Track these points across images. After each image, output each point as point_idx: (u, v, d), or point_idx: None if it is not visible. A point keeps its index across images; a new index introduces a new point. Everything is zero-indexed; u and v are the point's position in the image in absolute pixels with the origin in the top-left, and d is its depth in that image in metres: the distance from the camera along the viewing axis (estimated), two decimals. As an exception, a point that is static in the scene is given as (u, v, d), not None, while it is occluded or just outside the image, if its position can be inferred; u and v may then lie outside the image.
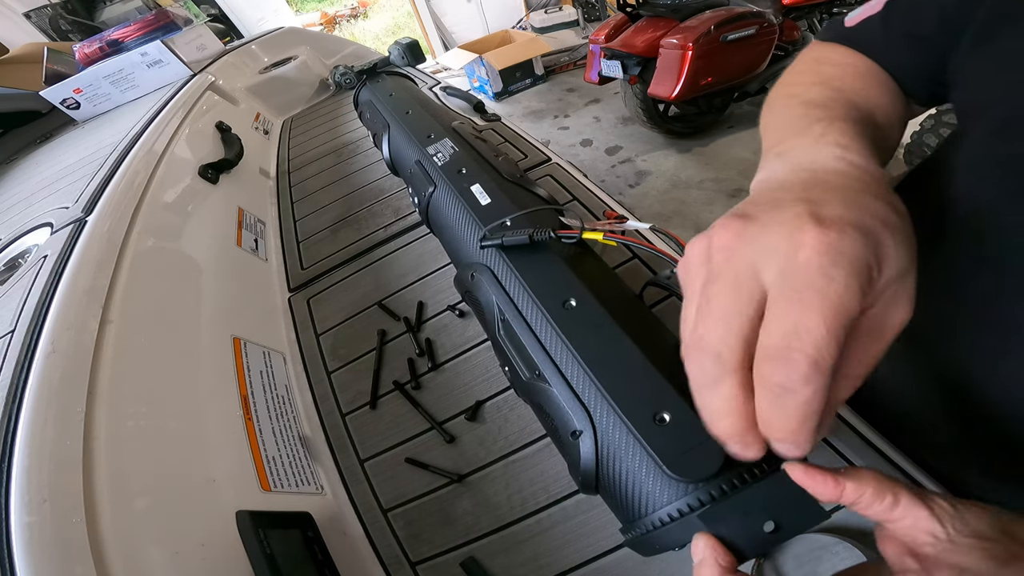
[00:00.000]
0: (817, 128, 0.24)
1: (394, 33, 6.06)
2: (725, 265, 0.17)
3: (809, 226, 0.16)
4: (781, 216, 0.17)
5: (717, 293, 0.17)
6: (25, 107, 1.10)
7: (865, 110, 0.28)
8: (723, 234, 0.18)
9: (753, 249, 0.17)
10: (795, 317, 0.15)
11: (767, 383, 0.16)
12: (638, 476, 0.25)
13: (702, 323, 0.17)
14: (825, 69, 0.32)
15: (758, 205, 0.19)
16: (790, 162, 0.23)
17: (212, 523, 0.34)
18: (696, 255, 0.19)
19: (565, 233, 0.34)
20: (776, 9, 2.12)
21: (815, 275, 0.15)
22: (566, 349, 0.30)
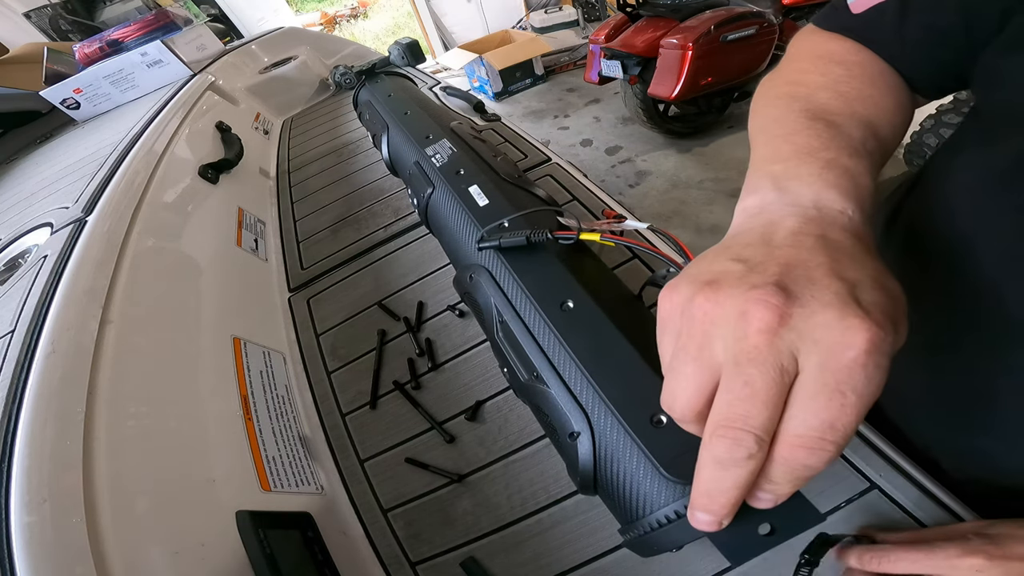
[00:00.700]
0: (820, 157, 0.23)
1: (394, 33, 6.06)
2: (767, 349, 0.16)
3: (857, 321, 0.16)
4: (822, 297, 0.17)
5: (760, 378, 0.16)
6: (25, 107, 1.10)
7: (870, 122, 0.27)
8: (765, 314, 0.16)
9: (796, 335, 0.16)
10: (834, 413, 0.15)
11: (795, 460, 0.16)
12: (635, 478, 0.25)
13: (742, 405, 0.17)
14: (831, 68, 0.30)
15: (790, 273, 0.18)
16: (789, 198, 0.22)
17: (212, 523, 0.34)
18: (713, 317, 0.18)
19: (562, 234, 0.34)
20: (776, 9, 2.12)
21: (858, 377, 0.16)
22: (563, 351, 0.30)
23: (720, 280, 0.18)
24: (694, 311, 0.18)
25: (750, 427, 0.16)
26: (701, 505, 0.18)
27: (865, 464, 0.34)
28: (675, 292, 0.20)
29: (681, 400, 0.19)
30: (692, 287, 0.19)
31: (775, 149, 0.25)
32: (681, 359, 0.19)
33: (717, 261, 0.20)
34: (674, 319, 0.19)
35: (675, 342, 0.19)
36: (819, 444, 0.16)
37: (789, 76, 0.31)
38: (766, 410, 0.16)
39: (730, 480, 0.17)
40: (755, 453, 0.16)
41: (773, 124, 0.27)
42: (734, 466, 0.17)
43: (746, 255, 0.19)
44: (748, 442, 0.16)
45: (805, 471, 0.17)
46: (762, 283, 0.17)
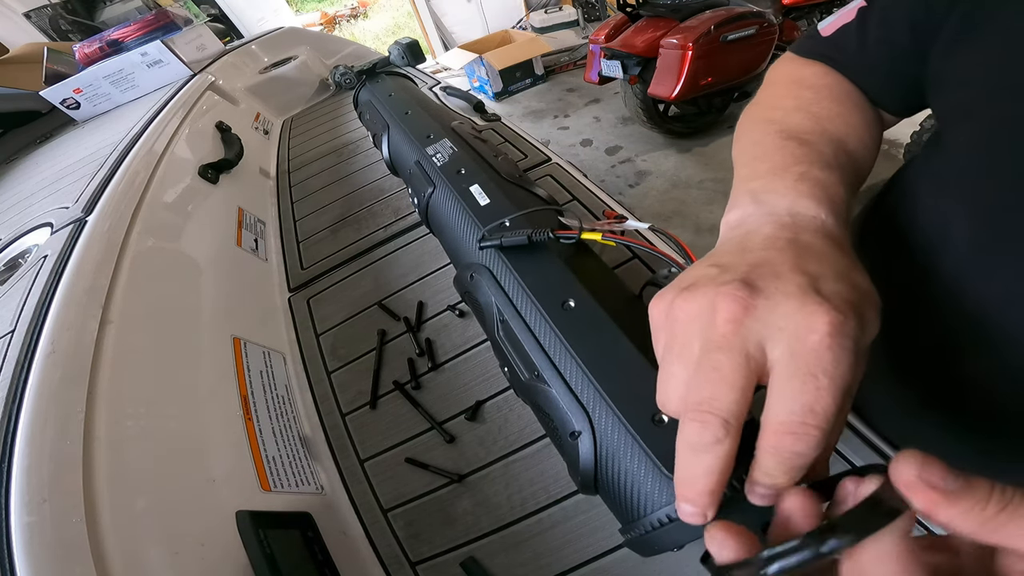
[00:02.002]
0: (794, 171, 0.25)
1: (394, 33, 6.06)
2: (733, 337, 0.18)
3: (818, 307, 0.17)
4: (784, 289, 0.18)
5: (727, 362, 0.17)
6: (25, 107, 1.10)
7: (840, 139, 0.28)
8: (731, 305, 0.18)
9: (761, 324, 0.17)
10: (810, 397, 0.16)
11: (781, 447, 0.17)
12: (637, 477, 0.25)
13: (710, 387, 0.17)
14: (802, 92, 0.32)
15: (756, 270, 0.19)
16: (766, 208, 0.23)
17: (212, 523, 0.34)
18: (689, 315, 0.19)
19: (564, 233, 0.34)
20: (776, 9, 2.12)
21: (827, 359, 0.16)
22: (565, 350, 0.30)
23: (696, 283, 0.20)
24: (675, 313, 0.20)
25: (716, 409, 0.17)
26: (681, 494, 0.18)
27: (865, 464, 0.34)
28: (661, 299, 0.21)
29: (672, 398, 0.20)
30: (673, 292, 0.20)
31: (753, 169, 0.27)
32: (668, 359, 0.20)
33: (697, 268, 0.21)
34: (661, 324, 0.21)
35: (664, 347, 0.21)
36: (802, 428, 0.16)
37: (766, 102, 0.33)
38: (731, 392, 0.17)
39: (702, 465, 0.17)
40: (722, 437, 0.17)
41: (751, 147, 0.29)
42: (703, 451, 0.17)
43: (723, 261, 0.21)
44: (715, 425, 0.17)
45: (794, 458, 0.17)
46: (730, 280, 0.19)
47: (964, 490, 0.13)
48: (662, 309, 0.21)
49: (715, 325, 0.18)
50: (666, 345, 0.20)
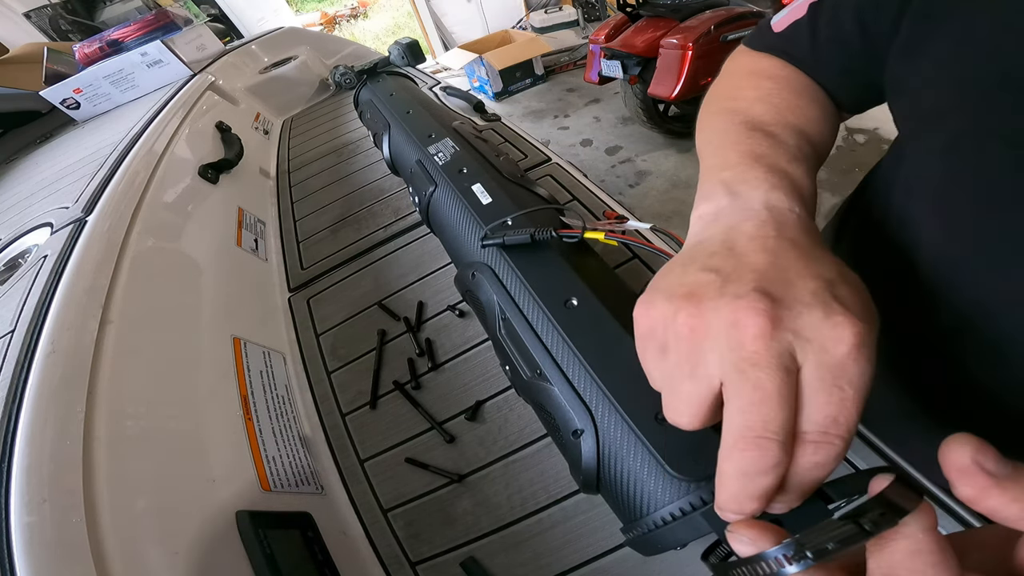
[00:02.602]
0: (764, 163, 0.24)
1: (394, 33, 6.06)
2: (767, 353, 0.17)
3: (842, 319, 0.16)
4: (803, 298, 0.17)
5: (769, 381, 0.16)
6: (25, 107, 1.10)
7: (801, 130, 0.29)
8: (757, 320, 0.17)
9: (791, 335, 0.17)
10: (835, 408, 0.16)
11: (804, 460, 0.16)
12: (640, 475, 0.25)
13: (759, 410, 0.16)
14: (762, 83, 0.32)
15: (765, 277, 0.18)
16: (741, 202, 0.23)
17: (212, 523, 0.34)
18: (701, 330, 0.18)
19: (567, 232, 0.34)
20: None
21: (852, 370, 0.16)
22: (567, 348, 0.30)
23: (698, 293, 0.19)
24: (679, 328, 0.18)
25: (772, 432, 0.16)
26: (730, 510, 0.18)
27: (864, 463, 0.34)
28: (652, 307, 0.20)
29: (686, 416, 0.19)
30: (670, 303, 0.19)
31: (723, 158, 0.26)
32: (677, 378, 0.19)
33: (688, 272, 0.20)
34: (656, 334, 0.20)
35: (662, 358, 0.20)
36: (825, 439, 0.16)
37: (727, 92, 0.33)
38: (782, 411, 0.16)
39: (758, 489, 0.17)
40: (781, 460, 0.16)
41: (718, 135, 0.29)
42: (761, 476, 0.16)
43: (715, 264, 0.20)
44: (773, 450, 0.16)
45: (815, 470, 0.16)
46: (745, 292, 0.18)
47: (1014, 476, 0.12)
48: (658, 319, 0.19)
49: (743, 343, 0.17)
50: (672, 363, 0.19)
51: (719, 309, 0.18)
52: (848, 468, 0.34)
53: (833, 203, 1.90)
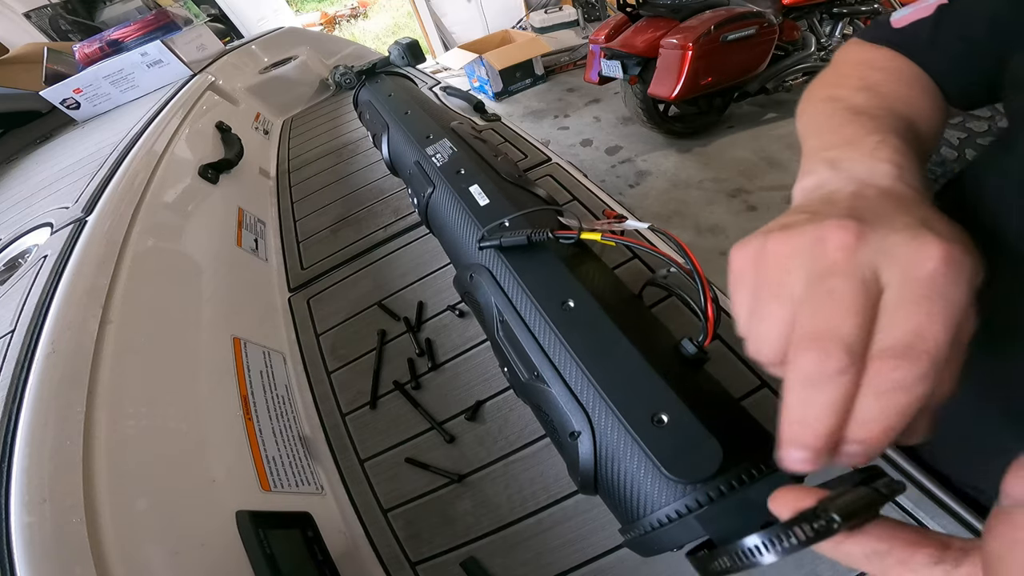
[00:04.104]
0: (869, 141, 0.24)
1: (394, 33, 6.06)
2: (847, 263, 0.16)
3: (932, 239, 0.16)
4: (893, 224, 0.17)
5: (844, 286, 0.16)
6: (25, 107, 1.11)
7: (909, 119, 0.28)
8: (841, 234, 0.17)
9: (874, 251, 0.16)
10: (919, 321, 0.15)
11: (884, 380, 0.15)
12: (636, 477, 0.25)
13: (827, 314, 0.16)
14: (870, 74, 0.31)
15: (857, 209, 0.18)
16: (846, 173, 0.22)
17: (212, 523, 0.34)
18: (788, 251, 0.18)
19: (563, 234, 0.34)
20: (776, 9, 2.12)
21: (941, 285, 0.15)
22: (564, 350, 0.30)
23: (790, 224, 0.18)
24: (767, 255, 0.18)
25: (838, 336, 0.15)
26: (792, 438, 0.16)
27: (865, 464, 0.34)
28: (746, 245, 0.20)
29: (769, 341, 0.18)
30: (762, 236, 0.19)
31: (826, 140, 0.26)
32: (762, 301, 0.18)
33: (783, 218, 0.20)
34: (747, 271, 0.19)
35: (750, 293, 0.19)
36: (907, 353, 0.15)
37: (831, 80, 0.33)
38: (853, 317, 0.16)
39: (823, 400, 0.16)
40: (847, 366, 0.15)
41: (819, 121, 0.28)
42: (826, 382, 0.15)
43: (813, 208, 0.19)
44: (838, 352, 0.15)
45: (896, 393, 0.15)
46: (835, 214, 0.17)
47: None
48: (749, 255, 0.19)
49: (825, 254, 0.17)
50: (756, 287, 0.18)
51: (807, 232, 0.17)
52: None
53: (833, 203, 1.90)
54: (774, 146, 2.30)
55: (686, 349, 0.29)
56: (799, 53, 2.28)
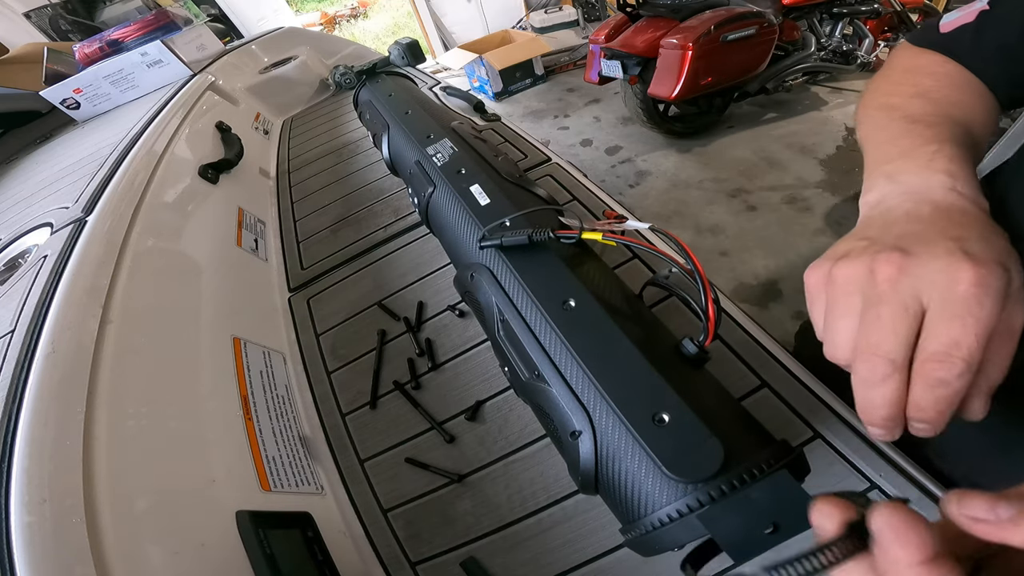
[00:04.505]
0: (925, 151, 0.26)
1: (394, 33, 6.06)
2: (891, 292, 0.21)
3: (964, 263, 0.20)
4: (935, 251, 0.21)
5: (887, 313, 0.21)
6: (25, 107, 1.10)
7: (963, 124, 0.29)
8: (886, 267, 0.21)
9: (915, 279, 0.21)
10: (955, 333, 0.19)
11: (929, 377, 0.20)
12: (637, 477, 0.25)
13: (874, 334, 0.21)
14: (922, 80, 0.33)
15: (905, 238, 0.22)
16: (903, 187, 0.26)
17: (212, 523, 0.34)
18: (849, 277, 0.23)
19: (564, 233, 0.34)
20: (776, 9, 2.12)
21: (971, 304, 0.19)
22: (565, 349, 0.30)
23: (850, 253, 0.23)
24: (835, 279, 0.23)
25: (881, 352, 0.21)
26: (866, 420, 0.22)
27: (865, 464, 0.34)
28: (817, 269, 0.25)
29: (841, 347, 0.23)
30: (829, 262, 0.24)
31: (884, 152, 0.29)
32: (835, 315, 0.23)
33: (847, 242, 0.25)
34: (820, 290, 0.24)
35: (824, 307, 0.24)
36: (947, 358, 0.20)
37: (885, 88, 0.35)
38: (894, 337, 0.21)
39: (876, 398, 0.21)
40: (889, 374, 0.21)
41: (877, 132, 0.31)
42: (875, 385, 0.21)
43: (871, 234, 0.24)
44: (881, 364, 0.21)
45: (940, 386, 0.20)
46: (883, 247, 0.22)
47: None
48: (819, 276, 0.24)
49: (874, 284, 0.21)
50: (828, 305, 0.24)
51: (863, 261, 0.22)
52: (846, 467, 0.34)
53: (833, 203, 1.90)
54: (774, 146, 2.30)
55: (687, 349, 0.29)
56: (799, 53, 2.28)
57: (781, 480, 0.22)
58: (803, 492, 0.22)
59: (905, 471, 0.33)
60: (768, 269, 1.69)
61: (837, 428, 0.36)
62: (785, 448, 0.25)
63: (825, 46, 2.33)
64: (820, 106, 2.53)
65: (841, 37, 2.35)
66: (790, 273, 1.66)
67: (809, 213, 1.89)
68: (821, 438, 0.36)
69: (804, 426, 0.37)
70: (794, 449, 0.25)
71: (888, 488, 0.33)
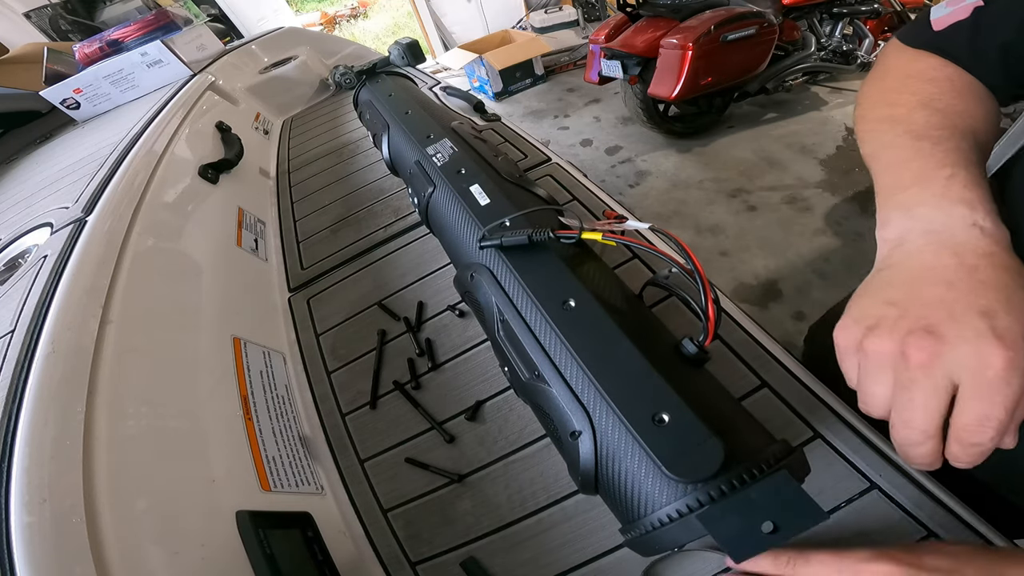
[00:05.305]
0: (939, 177, 0.26)
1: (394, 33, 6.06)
2: (924, 379, 0.22)
3: (994, 348, 0.21)
4: (963, 334, 0.22)
5: (920, 395, 0.23)
6: (25, 107, 1.10)
7: (970, 133, 0.29)
8: (919, 354, 0.22)
9: (947, 363, 0.22)
10: (987, 410, 0.21)
11: (966, 442, 0.22)
12: (637, 477, 0.25)
13: (909, 413, 0.23)
14: (923, 87, 0.32)
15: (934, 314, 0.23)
16: (922, 224, 0.26)
17: (212, 523, 0.34)
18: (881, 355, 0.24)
19: (564, 233, 0.34)
20: (776, 9, 2.12)
21: (1001, 385, 0.21)
22: (565, 349, 0.30)
23: (880, 325, 0.24)
24: (867, 352, 0.25)
25: (914, 427, 0.23)
26: (908, 460, 0.25)
27: (865, 464, 0.34)
28: (847, 332, 0.26)
29: (876, 409, 0.25)
30: (859, 330, 0.25)
31: (896, 178, 0.29)
32: (869, 382, 0.25)
33: (874, 302, 0.26)
34: (851, 352, 0.26)
35: (857, 370, 0.26)
36: (979, 429, 0.22)
37: (886, 98, 0.34)
38: (925, 415, 0.23)
39: (912, 455, 0.24)
40: (921, 442, 0.23)
41: (885, 151, 0.31)
42: (910, 447, 0.24)
43: (896, 297, 0.25)
44: (915, 435, 0.23)
45: (975, 448, 0.22)
46: (915, 328, 0.23)
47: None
48: (850, 343, 0.26)
49: (908, 368, 0.23)
50: (861, 372, 0.25)
51: (894, 341, 0.23)
52: (847, 467, 0.34)
53: (833, 203, 1.90)
54: (774, 146, 2.30)
55: (687, 349, 0.29)
56: (799, 53, 2.28)
57: (781, 480, 0.22)
58: (803, 492, 0.22)
59: (905, 471, 0.33)
60: (768, 269, 1.69)
61: (837, 428, 0.36)
62: (785, 448, 0.25)
63: (825, 46, 2.33)
64: (820, 106, 2.53)
65: (841, 37, 2.35)
66: (790, 273, 1.66)
67: (809, 213, 1.89)
68: (821, 438, 0.36)
69: (804, 426, 0.37)
70: (794, 449, 0.25)
71: (887, 488, 0.33)
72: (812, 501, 0.22)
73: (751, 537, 0.21)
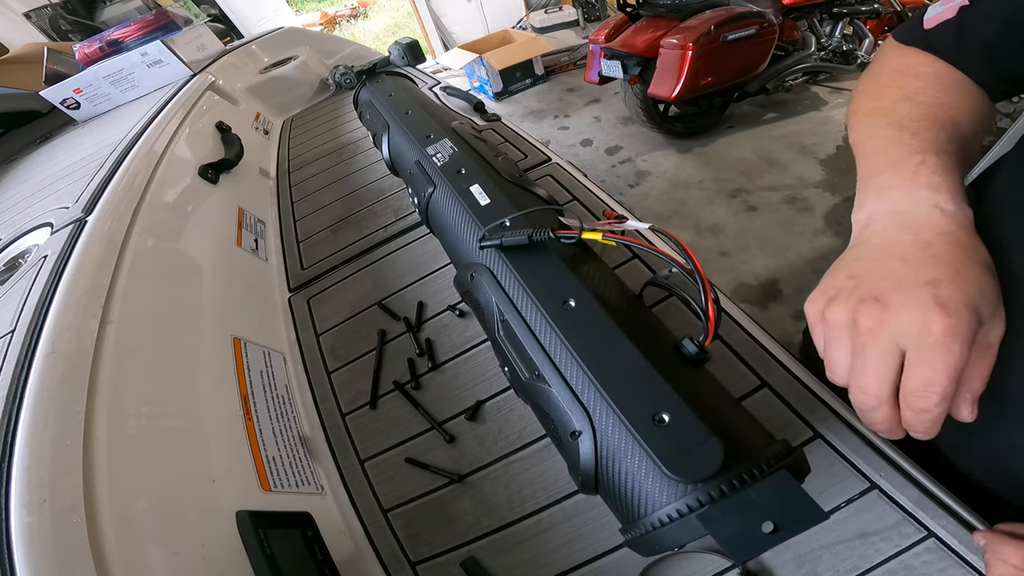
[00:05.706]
0: (910, 163, 0.28)
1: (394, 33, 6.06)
2: (872, 344, 0.24)
3: (935, 315, 0.22)
4: (908, 302, 0.23)
5: (871, 359, 0.24)
6: (25, 107, 1.10)
7: (951, 125, 0.30)
8: (867, 321, 0.24)
9: (892, 330, 0.23)
10: (929, 375, 0.23)
11: (915, 407, 0.24)
12: (637, 477, 0.25)
13: (863, 377, 0.25)
14: (910, 82, 0.33)
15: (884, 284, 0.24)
16: (889, 205, 0.27)
17: (212, 523, 0.34)
18: (838, 322, 0.26)
19: (564, 233, 0.34)
20: (776, 9, 2.12)
21: (942, 351, 0.22)
22: (565, 349, 0.30)
23: (839, 295, 0.26)
24: (827, 320, 0.26)
25: (868, 392, 0.25)
26: (872, 427, 0.27)
27: (865, 464, 0.34)
28: (813, 304, 0.28)
29: (838, 375, 0.27)
30: (823, 300, 0.27)
31: (873, 165, 0.30)
32: (830, 349, 0.27)
33: (838, 276, 0.27)
34: (817, 322, 0.27)
35: (823, 339, 0.27)
36: (924, 394, 0.23)
37: (873, 91, 0.35)
38: (876, 380, 0.24)
39: (870, 420, 0.26)
40: (875, 406, 0.25)
41: (867, 141, 0.32)
42: (866, 412, 0.26)
43: (855, 271, 0.26)
44: (868, 401, 0.25)
45: (925, 414, 0.24)
46: (866, 297, 0.25)
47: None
48: (816, 312, 0.27)
49: (859, 334, 0.25)
50: (825, 340, 0.27)
51: (848, 309, 0.25)
52: (847, 467, 0.34)
53: (833, 203, 1.90)
54: (774, 146, 2.30)
55: (687, 349, 0.29)
56: (799, 53, 2.28)
57: (781, 480, 0.22)
58: (803, 492, 0.22)
59: (905, 471, 0.33)
60: (768, 269, 1.69)
61: (837, 428, 0.36)
62: (785, 448, 0.25)
63: (825, 46, 2.33)
64: (820, 106, 2.53)
65: (841, 37, 2.35)
66: (790, 273, 1.66)
67: (809, 213, 1.89)
68: (821, 438, 0.36)
69: (804, 426, 0.37)
70: (794, 449, 0.25)
71: (887, 488, 0.33)
72: (812, 501, 0.22)
73: (751, 537, 0.21)
